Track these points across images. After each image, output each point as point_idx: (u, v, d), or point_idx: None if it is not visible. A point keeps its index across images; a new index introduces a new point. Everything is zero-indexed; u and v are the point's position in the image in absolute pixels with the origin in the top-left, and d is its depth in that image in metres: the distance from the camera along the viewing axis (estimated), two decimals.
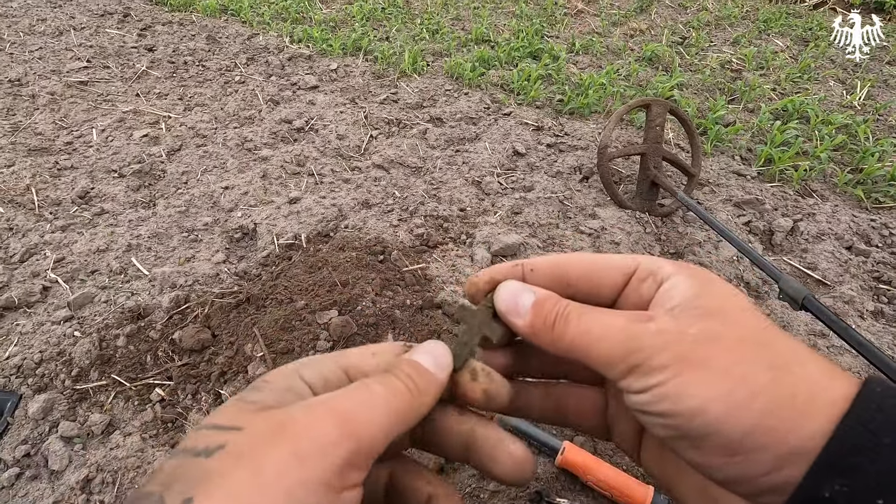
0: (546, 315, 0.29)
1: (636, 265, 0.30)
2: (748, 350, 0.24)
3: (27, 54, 2.89)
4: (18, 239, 1.63)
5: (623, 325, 0.26)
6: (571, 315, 0.28)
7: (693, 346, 0.24)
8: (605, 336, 0.26)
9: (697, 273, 0.28)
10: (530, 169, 2.08)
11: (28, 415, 1.13)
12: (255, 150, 2.14)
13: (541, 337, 0.29)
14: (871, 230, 1.81)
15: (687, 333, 0.25)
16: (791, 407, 0.23)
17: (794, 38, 3.54)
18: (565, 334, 0.28)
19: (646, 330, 0.25)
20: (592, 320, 0.27)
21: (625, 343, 0.25)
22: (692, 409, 0.23)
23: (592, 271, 0.31)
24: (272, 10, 3.64)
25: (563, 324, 0.28)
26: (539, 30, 3.40)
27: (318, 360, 0.28)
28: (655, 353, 0.24)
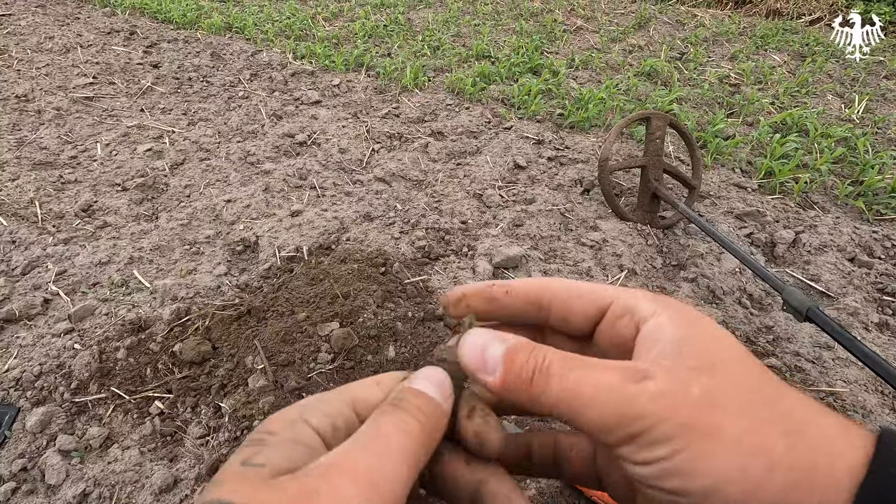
0: (521, 369, 0.25)
1: (612, 300, 0.28)
2: (758, 412, 0.22)
3: (34, 71, 2.93)
4: (21, 252, 1.63)
5: (617, 384, 0.23)
6: (553, 368, 0.24)
7: (698, 411, 0.22)
8: (597, 398, 0.23)
9: (679, 312, 0.25)
10: (531, 182, 2.09)
11: (26, 428, 1.12)
12: (257, 163, 2.16)
13: (518, 396, 0.25)
14: (873, 242, 1.81)
15: (689, 395, 0.22)
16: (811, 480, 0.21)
17: (792, 53, 3.58)
18: (548, 393, 0.24)
19: (644, 391, 0.22)
20: (581, 378, 0.23)
21: (621, 408, 0.22)
22: (706, 488, 0.21)
23: (566, 299, 0.29)
24: (276, 27, 3.70)
25: (543, 381, 0.24)
26: (539, 46, 3.45)
27: (322, 401, 0.26)
28: (659, 422, 0.22)
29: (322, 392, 0.27)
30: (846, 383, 1.32)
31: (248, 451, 0.23)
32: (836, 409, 1.26)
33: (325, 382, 1.22)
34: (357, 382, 0.28)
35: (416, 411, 0.25)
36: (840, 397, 1.28)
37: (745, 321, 1.51)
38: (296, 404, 0.26)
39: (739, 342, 0.25)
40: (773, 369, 1.35)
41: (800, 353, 1.41)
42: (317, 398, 0.26)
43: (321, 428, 0.24)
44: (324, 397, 0.26)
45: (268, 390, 1.19)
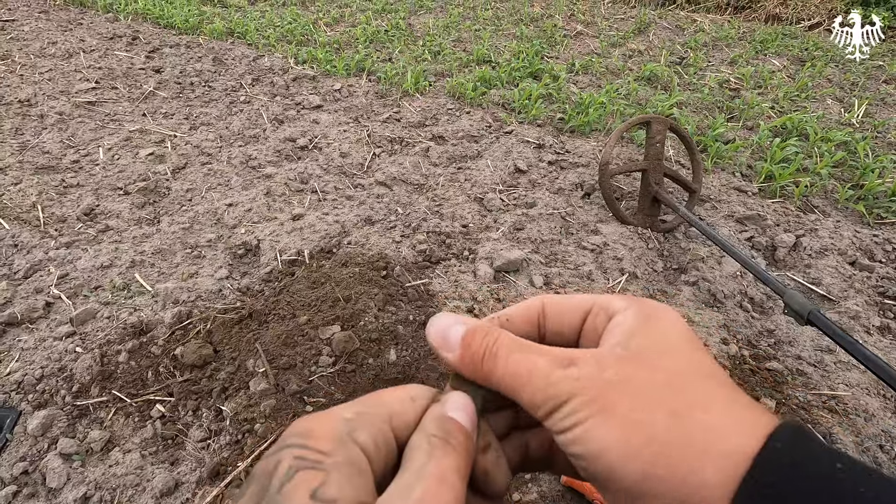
0: (475, 350, 0.28)
1: (592, 303, 0.30)
2: (654, 395, 0.24)
3: (37, 76, 2.95)
4: (23, 255, 1.63)
5: (546, 368, 0.26)
6: (500, 352, 0.27)
7: (604, 390, 0.25)
8: (530, 380, 0.26)
9: (645, 309, 0.28)
10: (532, 186, 2.09)
11: (27, 431, 1.12)
12: (259, 167, 2.17)
13: (472, 372, 0.28)
14: (874, 245, 1.81)
15: (601, 378, 0.25)
16: (682, 456, 0.22)
17: (791, 57, 3.59)
18: (494, 372, 0.27)
19: (565, 375, 0.25)
20: (520, 360, 0.27)
21: (546, 388, 0.26)
22: (594, 452, 0.24)
23: (557, 313, 0.31)
24: (278, 32, 3.72)
25: (491, 360, 0.27)
26: (539, 51, 3.46)
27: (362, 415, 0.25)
28: (571, 398, 0.25)
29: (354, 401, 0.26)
30: (848, 387, 1.32)
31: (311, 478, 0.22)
32: (839, 413, 1.25)
33: (326, 386, 1.22)
34: (390, 393, 0.28)
35: (461, 448, 0.26)
36: (842, 401, 1.28)
37: (747, 325, 1.50)
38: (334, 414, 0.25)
39: (691, 337, 0.27)
40: (774, 373, 1.35)
41: (801, 357, 1.41)
42: (356, 411, 0.26)
43: (367, 447, 0.24)
44: (363, 411, 0.26)
45: (269, 393, 1.19)
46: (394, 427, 0.26)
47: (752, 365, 1.38)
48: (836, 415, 1.25)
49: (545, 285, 1.59)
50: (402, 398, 0.28)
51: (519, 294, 1.54)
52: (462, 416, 0.27)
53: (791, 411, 1.25)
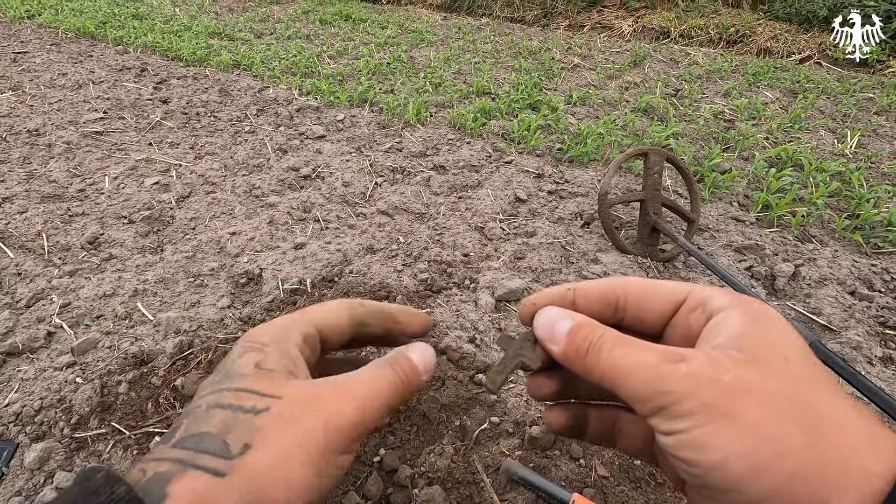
0: (580, 344, 0.29)
1: (686, 294, 0.29)
2: (783, 406, 0.23)
3: (46, 106, 3.01)
4: (26, 284, 1.64)
5: (653, 363, 0.25)
6: (605, 346, 0.28)
7: (723, 394, 0.23)
8: (634, 373, 0.26)
9: (751, 309, 0.27)
10: (532, 215, 2.12)
11: (24, 464, 1.10)
12: (262, 196, 2.19)
13: (574, 365, 0.29)
14: (872, 275, 1.82)
15: (719, 380, 0.24)
16: (820, 477, 0.21)
17: (784, 90, 3.68)
18: (597, 365, 0.28)
19: (675, 371, 0.24)
20: (624, 355, 0.27)
21: (652, 383, 0.25)
22: (713, 462, 0.23)
23: (642, 298, 0.31)
24: (282, 64, 3.82)
25: (595, 354, 0.28)
26: (538, 83, 3.55)
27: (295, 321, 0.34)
28: (683, 398, 0.24)
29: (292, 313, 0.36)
30: None
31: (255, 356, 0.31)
32: None
33: None
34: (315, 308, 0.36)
35: (402, 373, 0.32)
36: None
37: None
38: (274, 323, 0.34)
39: (804, 343, 0.26)
40: None
41: None
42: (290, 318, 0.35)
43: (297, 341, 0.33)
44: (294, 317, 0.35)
45: None
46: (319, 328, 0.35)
47: None
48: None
49: None
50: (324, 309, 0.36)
51: (520, 323, 1.54)
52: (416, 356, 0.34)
53: None
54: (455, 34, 5.08)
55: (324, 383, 0.30)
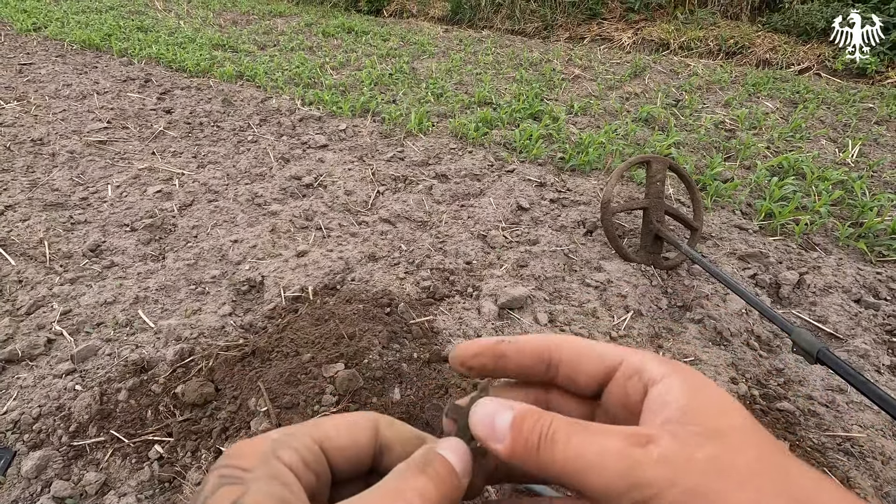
0: (528, 436, 0.25)
1: (620, 359, 0.28)
2: (763, 483, 0.22)
3: (51, 116, 3.03)
4: (27, 291, 1.63)
5: (621, 450, 0.23)
6: (558, 435, 0.25)
7: (703, 478, 0.22)
8: (602, 464, 0.23)
9: (689, 378, 0.26)
10: (534, 223, 2.11)
11: (21, 473, 1.09)
12: (264, 205, 2.19)
13: (527, 462, 0.25)
14: (878, 283, 1.81)
15: (694, 461, 0.22)
16: None
17: (783, 100, 3.70)
18: (553, 459, 0.24)
19: (648, 457, 0.22)
20: (584, 443, 0.24)
21: (626, 474, 0.22)
22: None
23: (576, 359, 0.29)
24: (285, 75, 3.85)
25: (549, 446, 0.24)
26: (539, 93, 3.57)
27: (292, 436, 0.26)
28: (666, 488, 0.22)
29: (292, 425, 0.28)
30: (862, 428, 1.29)
31: (233, 491, 0.23)
32: (855, 456, 1.22)
33: None
34: (329, 419, 0.28)
35: (438, 481, 0.25)
36: (857, 443, 1.25)
37: (755, 363, 1.49)
38: (263, 436, 0.26)
39: (747, 411, 0.25)
40: (786, 413, 1.32)
41: (812, 397, 1.38)
42: (284, 432, 0.27)
43: (293, 463, 0.25)
44: (292, 432, 0.27)
45: None
46: (325, 448, 0.27)
47: (763, 405, 1.35)
48: (853, 458, 1.21)
49: (550, 322, 1.58)
50: (338, 423, 0.28)
51: (524, 331, 1.53)
52: (450, 456, 0.27)
53: (806, 454, 1.22)
54: (456, 46, 5.12)
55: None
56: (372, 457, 0.28)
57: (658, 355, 0.28)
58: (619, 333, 1.56)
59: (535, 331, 1.54)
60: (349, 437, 0.28)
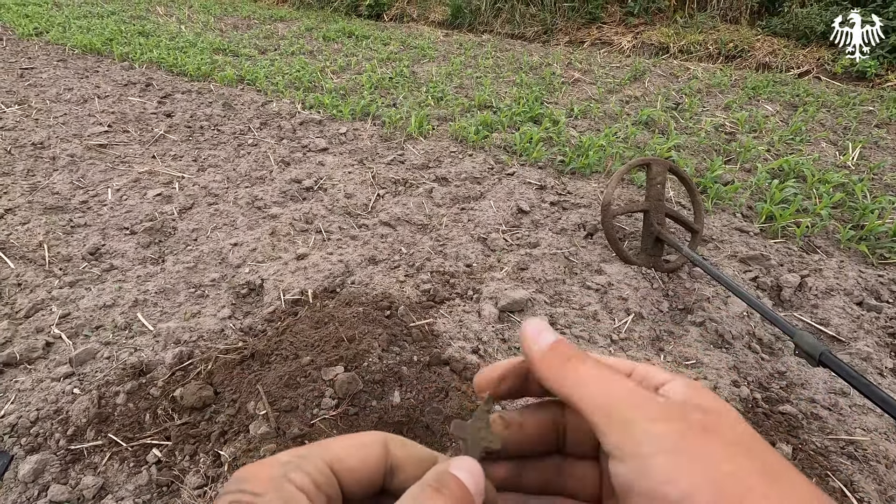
0: (563, 350, 0.30)
1: (632, 369, 0.31)
2: (745, 453, 0.24)
3: (52, 120, 3.04)
4: (26, 294, 1.63)
5: (633, 386, 0.27)
6: (588, 359, 0.29)
7: (692, 431, 0.24)
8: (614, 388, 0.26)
9: (692, 382, 0.29)
10: (535, 226, 2.11)
11: (18, 477, 1.08)
12: (264, 208, 2.19)
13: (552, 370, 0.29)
14: (880, 286, 1.80)
15: (689, 417, 0.25)
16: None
17: (783, 103, 3.70)
18: (575, 373, 0.28)
19: (653, 398, 0.26)
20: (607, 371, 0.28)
21: (629, 400, 0.26)
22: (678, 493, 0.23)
23: None
24: (286, 79, 3.85)
25: (576, 363, 0.29)
26: (539, 97, 3.57)
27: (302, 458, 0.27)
28: (658, 420, 0.25)
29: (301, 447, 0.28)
30: (866, 431, 1.28)
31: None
32: (859, 460, 1.21)
33: (328, 429, 1.18)
34: (338, 440, 0.29)
35: (454, 501, 0.26)
36: (861, 446, 1.24)
37: (757, 366, 1.48)
38: (272, 459, 0.26)
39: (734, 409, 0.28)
40: (788, 416, 1.31)
41: (815, 400, 1.37)
42: (294, 454, 0.27)
43: (304, 486, 0.25)
44: (302, 454, 0.27)
45: (269, 437, 1.16)
46: (336, 470, 0.27)
47: (766, 408, 1.34)
48: (856, 461, 1.20)
49: (550, 325, 1.57)
50: (348, 444, 0.28)
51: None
52: (465, 475, 0.27)
53: (809, 458, 1.21)
54: (456, 50, 5.14)
55: None
56: (382, 477, 0.29)
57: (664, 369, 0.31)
58: (620, 336, 1.55)
59: None
60: (359, 457, 0.28)
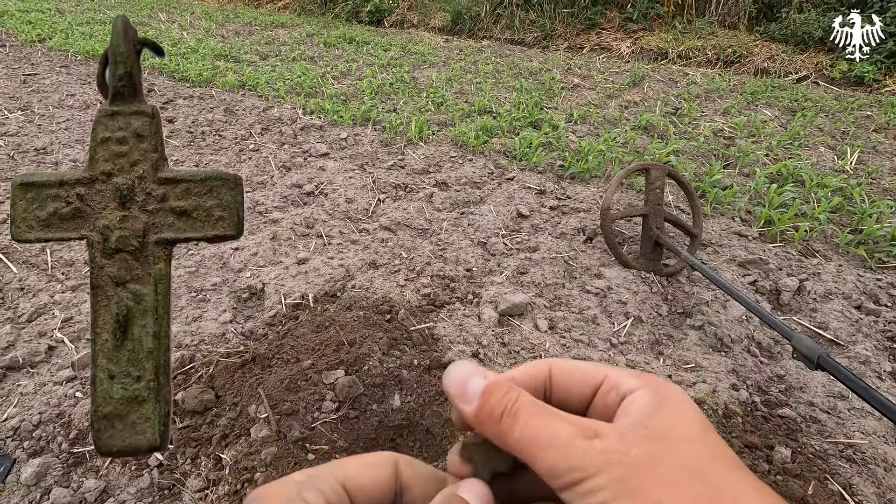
0: (493, 406, 0.27)
1: (603, 377, 0.30)
2: (685, 481, 0.24)
3: (55, 125, 3.06)
4: (29, 299, 1.64)
5: (569, 437, 0.26)
6: (520, 412, 0.27)
7: (631, 470, 0.24)
8: (551, 447, 0.25)
9: (658, 390, 0.28)
10: (534, 230, 2.12)
11: (20, 480, 1.09)
12: (265, 212, 2.21)
13: (486, 429, 0.28)
14: (878, 290, 1.81)
15: (628, 455, 0.24)
16: None
17: (782, 108, 3.72)
18: (511, 432, 0.27)
19: (591, 447, 0.25)
20: (541, 424, 0.26)
21: (568, 458, 0.25)
22: None
23: (566, 380, 0.31)
24: (287, 85, 3.88)
25: (510, 420, 0.27)
26: (538, 102, 3.59)
27: (316, 477, 0.27)
28: (596, 473, 0.24)
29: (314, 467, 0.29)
30: (864, 435, 1.28)
31: None
32: (857, 463, 1.21)
33: (328, 433, 1.19)
34: (350, 459, 0.29)
35: None
36: (859, 449, 1.24)
37: (756, 370, 1.48)
38: (287, 479, 0.27)
39: (707, 422, 0.27)
40: (787, 420, 1.32)
41: (814, 403, 1.38)
42: (310, 475, 0.27)
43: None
44: (317, 474, 0.28)
45: (270, 441, 1.16)
46: (348, 489, 0.27)
47: (765, 412, 1.35)
48: (855, 464, 1.21)
49: (550, 329, 1.58)
50: (360, 464, 0.29)
51: (524, 338, 1.53)
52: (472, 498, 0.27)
53: (808, 461, 1.21)
54: (456, 56, 5.17)
55: None
56: (393, 496, 0.29)
57: (637, 371, 0.30)
58: (620, 340, 1.56)
59: (535, 337, 1.54)
60: (370, 477, 0.28)
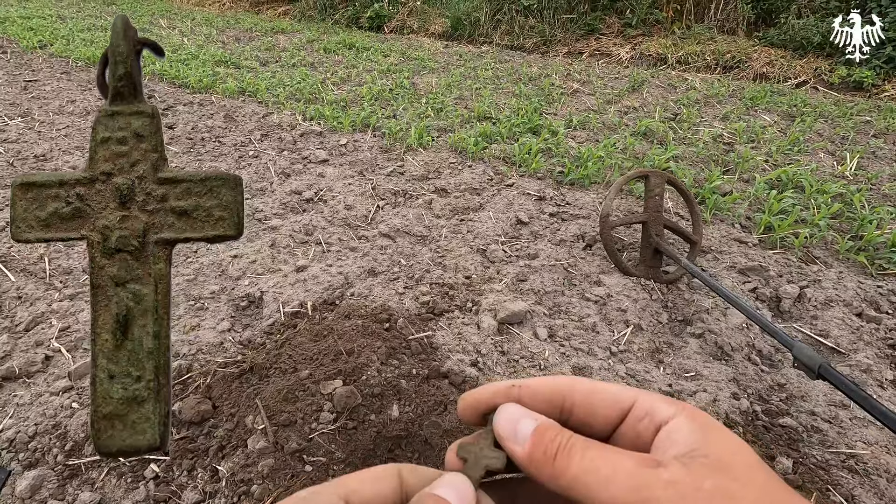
0: (547, 445, 0.27)
1: (633, 400, 0.29)
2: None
3: (54, 132, 3.06)
4: (26, 308, 1.63)
5: (632, 468, 0.24)
6: (575, 449, 0.26)
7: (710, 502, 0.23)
8: (613, 479, 0.24)
9: (698, 417, 0.27)
10: (534, 237, 2.12)
11: (15, 493, 1.08)
12: (265, 219, 2.20)
13: (540, 469, 0.27)
14: (879, 297, 1.80)
15: (702, 488, 0.23)
16: None
17: (781, 113, 3.73)
18: (568, 469, 0.26)
19: (657, 478, 0.24)
20: (599, 458, 0.25)
21: (634, 490, 0.24)
22: None
23: (589, 401, 0.30)
24: (287, 91, 3.89)
25: (565, 457, 0.26)
26: (538, 108, 3.60)
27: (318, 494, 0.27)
28: None
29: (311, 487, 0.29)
30: (866, 445, 1.27)
31: None
32: (860, 473, 1.20)
33: (326, 444, 1.18)
34: (353, 476, 0.29)
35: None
36: (861, 460, 1.23)
37: (757, 378, 1.47)
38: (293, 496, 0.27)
39: (754, 451, 0.26)
40: (788, 429, 1.31)
41: (815, 413, 1.37)
42: (311, 491, 0.27)
43: None
44: (318, 490, 0.28)
45: (268, 452, 1.15)
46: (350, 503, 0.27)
47: (766, 421, 1.34)
48: (857, 475, 1.20)
49: (549, 337, 1.57)
50: (363, 478, 0.29)
51: (523, 346, 1.52)
52: (449, 493, 0.27)
53: (810, 471, 1.20)
54: (456, 61, 5.18)
55: None
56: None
57: (668, 397, 0.29)
58: (619, 348, 1.55)
59: (534, 346, 1.53)
60: (374, 490, 0.28)
